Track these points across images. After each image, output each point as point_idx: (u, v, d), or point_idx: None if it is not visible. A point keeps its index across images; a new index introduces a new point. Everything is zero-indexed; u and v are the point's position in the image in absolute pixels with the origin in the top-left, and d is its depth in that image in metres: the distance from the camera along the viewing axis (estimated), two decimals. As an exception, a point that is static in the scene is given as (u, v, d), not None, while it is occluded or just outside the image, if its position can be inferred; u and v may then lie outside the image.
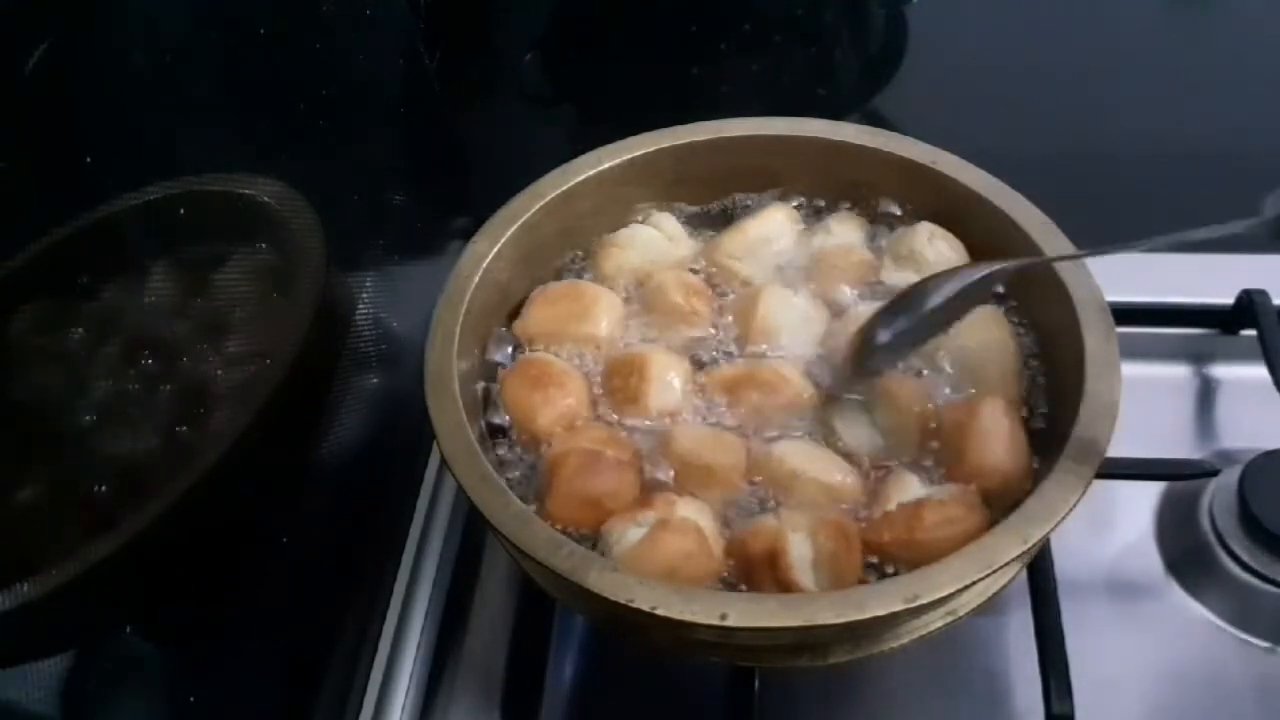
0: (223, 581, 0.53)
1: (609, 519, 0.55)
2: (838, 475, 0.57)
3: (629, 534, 0.54)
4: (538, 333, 0.65)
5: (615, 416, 0.61)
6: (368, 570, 0.69)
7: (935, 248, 0.65)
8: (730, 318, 0.66)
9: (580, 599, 0.53)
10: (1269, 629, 0.64)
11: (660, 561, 0.52)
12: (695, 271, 0.68)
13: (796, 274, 0.68)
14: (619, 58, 1.14)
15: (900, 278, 0.66)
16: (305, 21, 0.63)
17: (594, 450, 0.57)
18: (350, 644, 0.65)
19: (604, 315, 0.65)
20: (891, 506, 0.54)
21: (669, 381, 0.61)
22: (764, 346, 0.63)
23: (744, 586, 0.54)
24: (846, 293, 0.66)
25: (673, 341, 0.65)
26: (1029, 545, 0.49)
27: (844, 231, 0.69)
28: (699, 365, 0.64)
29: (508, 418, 0.61)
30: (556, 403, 0.60)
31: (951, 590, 0.48)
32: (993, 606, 0.57)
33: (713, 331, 0.65)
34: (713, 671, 0.60)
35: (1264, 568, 0.64)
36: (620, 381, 0.61)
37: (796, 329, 0.64)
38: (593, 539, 0.56)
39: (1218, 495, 0.67)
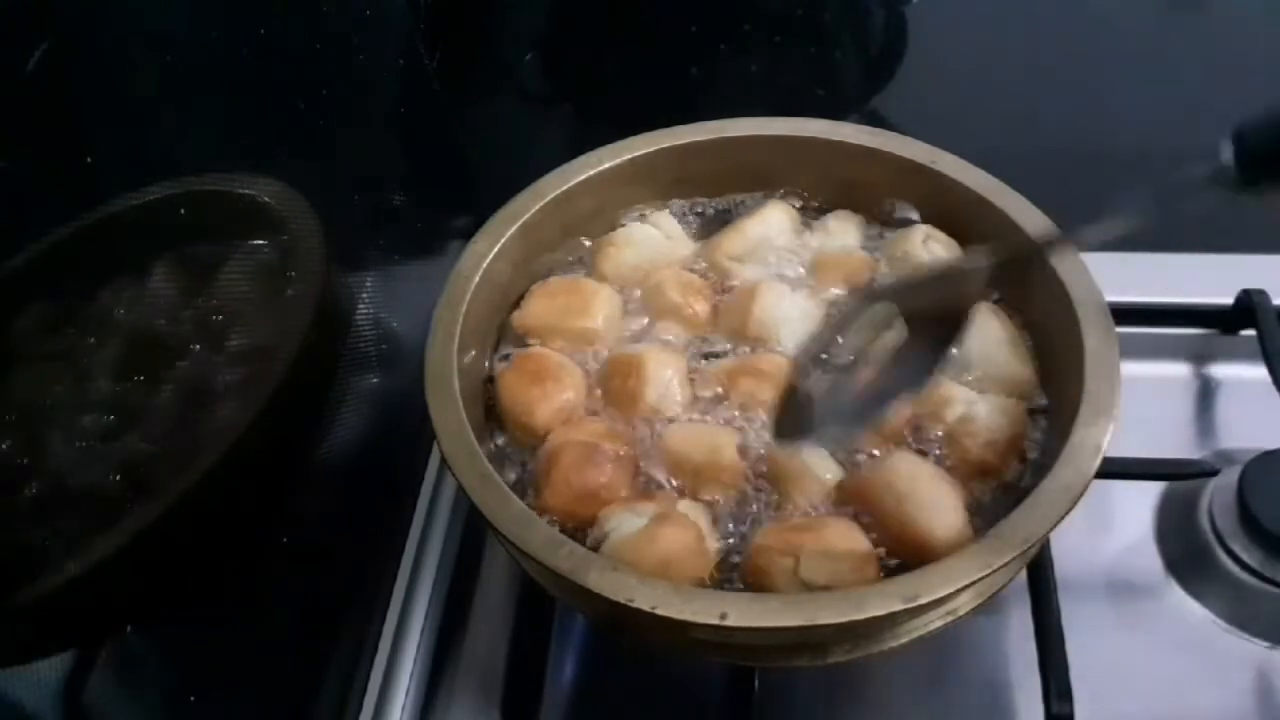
0: (223, 581, 0.54)
1: (605, 508, 0.55)
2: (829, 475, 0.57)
3: (626, 523, 0.54)
4: (535, 325, 0.65)
5: (613, 416, 0.61)
6: (368, 570, 0.69)
7: (930, 250, 0.65)
8: (727, 315, 0.66)
9: (580, 599, 0.53)
10: (1268, 629, 0.64)
11: (657, 554, 0.52)
12: (695, 272, 0.68)
13: (795, 273, 0.68)
14: (619, 58, 1.14)
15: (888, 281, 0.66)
16: (305, 21, 0.63)
17: (591, 443, 0.57)
18: (350, 644, 0.65)
19: (601, 311, 0.65)
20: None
21: (666, 381, 0.61)
22: (760, 343, 0.63)
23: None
24: (843, 293, 0.67)
25: (671, 340, 0.65)
26: (1028, 545, 0.49)
27: (843, 231, 0.69)
28: (697, 363, 0.64)
29: (505, 414, 0.61)
30: (554, 397, 0.60)
31: (951, 590, 0.48)
32: (992, 606, 0.57)
33: (711, 330, 0.66)
34: (713, 671, 0.60)
35: (1263, 568, 0.64)
36: (619, 382, 0.61)
37: (794, 325, 0.64)
38: (587, 532, 0.56)
39: (1217, 495, 0.67)
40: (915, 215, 0.69)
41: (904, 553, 0.53)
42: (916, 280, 0.53)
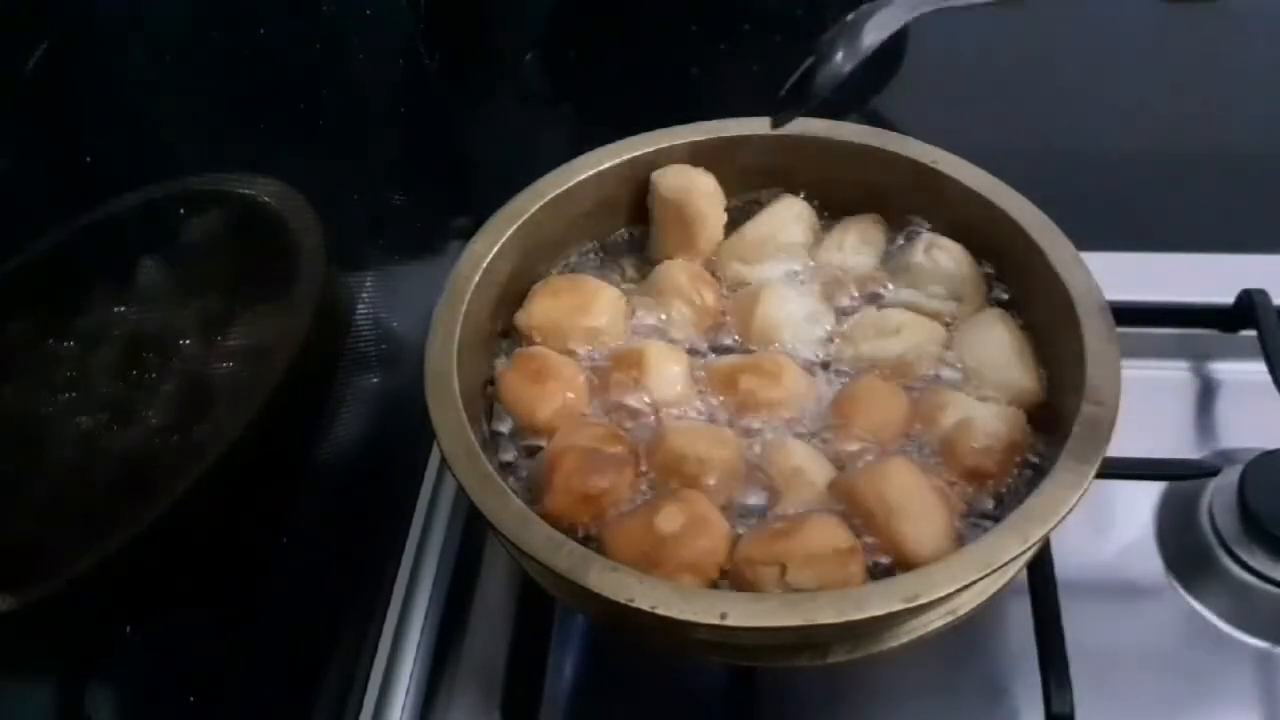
0: (223, 582, 0.53)
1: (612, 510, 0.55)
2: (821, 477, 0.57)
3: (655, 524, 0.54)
4: (539, 324, 0.65)
5: (614, 412, 0.61)
6: (368, 570, 0.69)
7: (931, 258, 0.65)
8: (733, 317, 0.66)
9: (580, 599, 0.53)
10: (1269, 629, 0.64)
11: (684, 554, 0.52)
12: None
13: (804, 277, 0.68)
14: (619, 58, 1.14)
15: (895, 294, 0.66)
16: (305, 21, 0.63)
17: (592, 448, 0.57)
18: (350, 644, 0.65)
19: (605, 310, 0.65)
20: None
21: (668, 373, 0.61)
22: (764, 345, 0.64)
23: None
24: (850, 300, 0.67)
25: (676, 335, 0.65)
26: (1029, 545, 0.49)
27: (860, 241, 0.68)
28: (700, 360, 0.64)
29: (507, 416, 0.61)
30: (556, 396, 0.60)
31: (951, 590, 0.48)
32: (993, 606, 0.57)
33: (716, 328, 0.66)
34: (713, 671, 0.60)
35: (1264, 567, 0.64)
36: (620, 375, 0.61)
37: (798, 329, 0.64)
38: (590, 536, 0.56)
39: (1218, 495, 0.67)
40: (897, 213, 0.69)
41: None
42: None
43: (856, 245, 0.68)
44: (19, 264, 0.40)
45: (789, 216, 0.69)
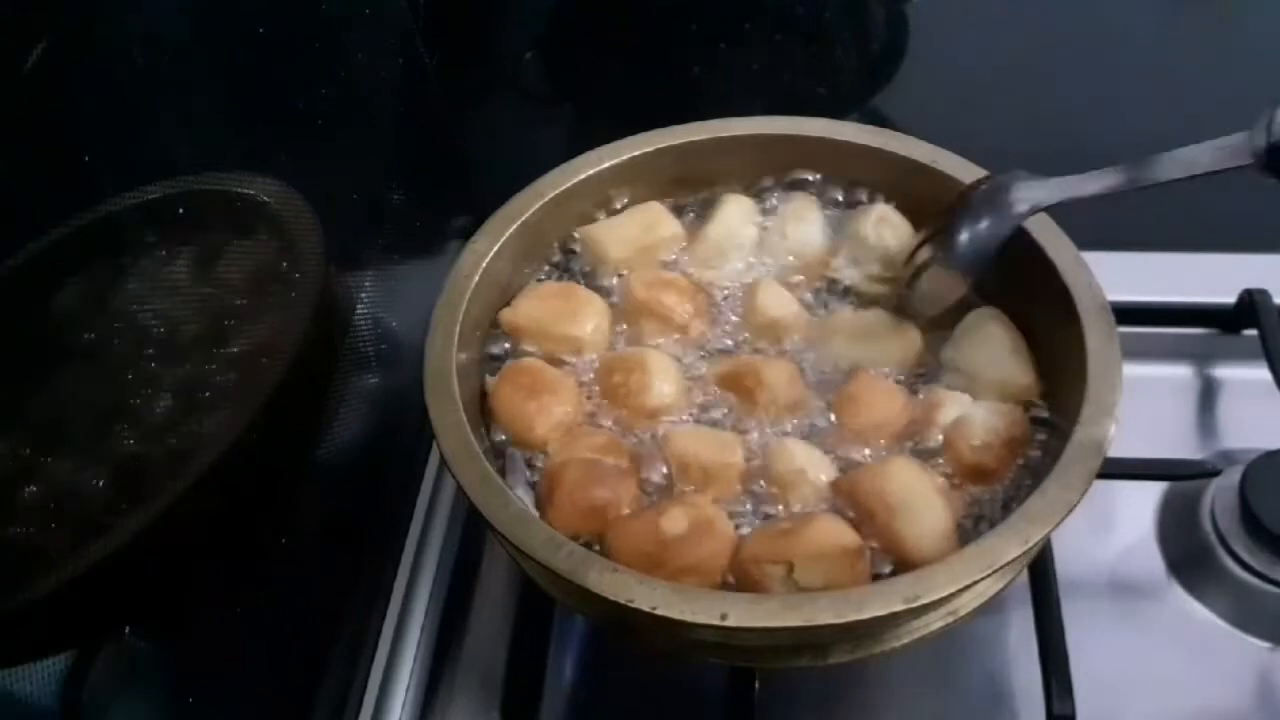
0: (222, 582, 0.53)
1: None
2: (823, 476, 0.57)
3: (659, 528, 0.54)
4: (523, 325, 0.64)
5: (612, 419, 0.61)
6: (368, 570, 0.69)
7: (879, 233, 0.65)
8: (723, 315, 0.66)
9: (580, 599, 0.53)
10: (1269, 629, 0.64)
11: (688, 557, 0.52)
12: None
13: (770, 271, 0.68)
14: (619, 58, 1.14)
15: (842, 273, 0.66)
16: (304, 21, 0.63)
17: (593, 459, 0.57)
18: (350, 644, 0.65)
19: (590, 319, 0.64)
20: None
21: (664, 379, 0.61)
22: (770, 341, 0.64)
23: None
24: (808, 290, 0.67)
25: (662, 341, 0.65)
26: (1030, 545, 0.49)
27: (799, 223, 0.68)
28: (696, 367, 0.64)
29: (502, 429, 0.61)
30: (552, 410, 0.60)
31: (952, 590, 0.48)
32: (994, 607, 0.57)
33: (699, 332, 0.65)
34: (713, 671, 0.60)
35: (1265, 568, 0.64)
36: (621, 378, 0.61)
37: (798, 322, 0.64)
38: (595, 545, 0.55)
39: (1219, 495, 0.67)
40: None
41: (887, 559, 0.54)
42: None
43: (797, 229, 0.68)
44: (17, 263, 0.40)
45: (739, 214, 0.69)
